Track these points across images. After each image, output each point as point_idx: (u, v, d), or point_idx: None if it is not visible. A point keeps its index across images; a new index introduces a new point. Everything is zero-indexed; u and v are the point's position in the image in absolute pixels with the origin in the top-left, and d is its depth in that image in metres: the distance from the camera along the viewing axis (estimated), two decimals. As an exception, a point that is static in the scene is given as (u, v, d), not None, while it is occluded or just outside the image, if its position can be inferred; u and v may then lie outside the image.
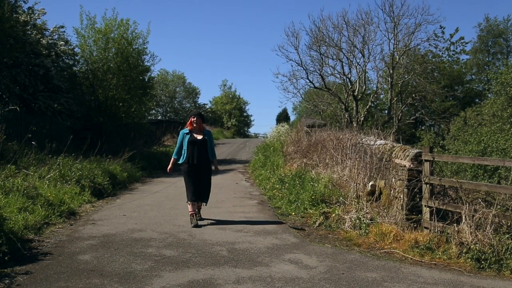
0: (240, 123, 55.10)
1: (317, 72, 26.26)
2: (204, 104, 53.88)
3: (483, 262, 5.82)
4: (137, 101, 21.48)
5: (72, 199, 9.64)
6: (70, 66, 20.08)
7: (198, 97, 52.63)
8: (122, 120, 21.10)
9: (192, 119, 8.13)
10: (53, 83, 18.10)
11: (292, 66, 42.93)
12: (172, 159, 8.32)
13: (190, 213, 8.02)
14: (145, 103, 23.17)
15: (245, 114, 58.12)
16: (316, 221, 8.17)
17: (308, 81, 26.52)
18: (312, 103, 30.71)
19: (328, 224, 8.01)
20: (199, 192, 8.08)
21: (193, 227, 7.74)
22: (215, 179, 15.17)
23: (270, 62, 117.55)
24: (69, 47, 20.00)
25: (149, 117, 32.34)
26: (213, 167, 8.47)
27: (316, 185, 10.02)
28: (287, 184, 11.42)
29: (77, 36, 20.01)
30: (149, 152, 21.37)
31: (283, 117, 55.22)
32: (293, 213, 9.03)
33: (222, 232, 7.52)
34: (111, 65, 19.82)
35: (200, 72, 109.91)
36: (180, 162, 8.18)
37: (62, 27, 20.50)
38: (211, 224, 8.14)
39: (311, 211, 8.75)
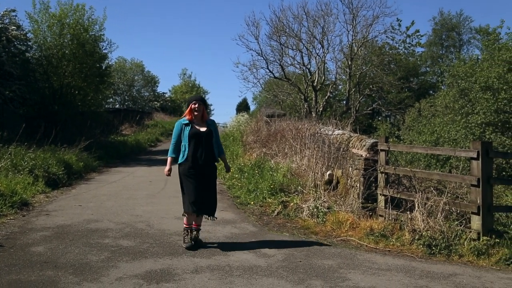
0: (200, 112, 54.60)
1: (277, 62, 26.34)
2: (164, 93, 53.15)
3: (434, 248, 6.04)
4: (94, 89, 20.97)
5: (25, 190, 9.35)
6: (22, 52, 19.30)
7: (157, 86, 51.84)
8: (78, 108, 20.56)
9: (193, 105, 6.06)
10: (4, 69, 17.36)
11: (252, 55, 43.01)
12: (169, 158, 6.16)
13: (184, 226, 6.14)
14: (102, 91, 22.65)
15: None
16: (275, 210, 8.25)
17: (268, 71, 26.57)
18: (272, 93, 30.82)
19: (287, 213, 8.10)
20: (201, 201, 6.01)
21: (186, 248, 5.90)
22: (174, 169, 15.10)
23: (231, 52, 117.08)
24: (21, 32, 19.22)
25: (106, 106, 31.57)
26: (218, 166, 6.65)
27: (275, 174, 10.10)
28: (246, 174, 11.47)
29: (29, 21, 19.33)
30: (107, 141, 20.94)
31: (243, 107, 55.18)
32: (252, 203, 9.09)
33: (180, 221, 7.44)
34: (66, 51, 19.23)
35: (159, 60, 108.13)
36: (179, 161, 6.08)
37: (14, 10, 19.65)
38: (169, 214, 8.07)
39: (270, 200, 8.83)
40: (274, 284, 4.62)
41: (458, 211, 6.91)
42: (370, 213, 7.55)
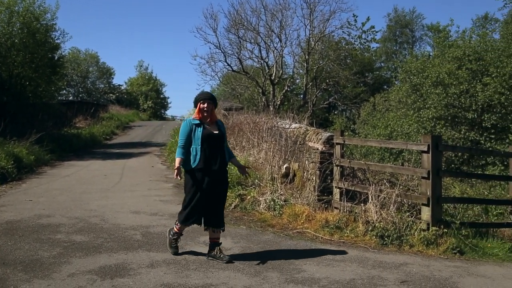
0: (157, 105, 53.76)
1: (235, 56, 26.35)
2: (119, 85, 52.01)
3: (386, 238, 6.22)
4: (46, 80, 20.25)
5: (-29, 184, 8.96)
6: (-33, 40, 18.44)
7: (112, 78, 50.68)
8: (28, 100, 19.82)
9: (202, 105, 5.28)
10: None
11: (210, 48, 42.71)
12: (178, 159, 5.19)
13: (175, 231, 5.40)
14: (55, 82, 21.91)
15: (162, 96, 56.78)
16: (232, 203, 8.26)
17: (226, 64, 26.55)
18: (230, 86, 30.77)
19: (244, 206, 8.13)
20: (211, 213, 5.28)
21: (173, 254, 5.37)
22: (130, 162, 14.90)
23: (188, 44, 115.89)
24: (-34, 18, 18.32)
25: (59, 98, 30.64)
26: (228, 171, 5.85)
27: (232, 168, 10.08)
28: (203, 167, 11.40)
29: (-25, 8, 18.40)
30: (59, 134, 20.29)
31: (201, 100, 54.65)
32: (209, 196, 9.04)
33: (136, 216, 7.37)
34: (16, 40, 18.46)
35: (115, 52, 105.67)
36: (189, 167, 5.21)
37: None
38: (125, 208, 7.94)
39: (228, 193, 8.81)
40: (231, 277, 4.64)
41: (410, 203, 7.13)
42: (326, 206, 7.68)
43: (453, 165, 16.86)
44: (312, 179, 8.26)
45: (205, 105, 5.28)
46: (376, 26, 62.66)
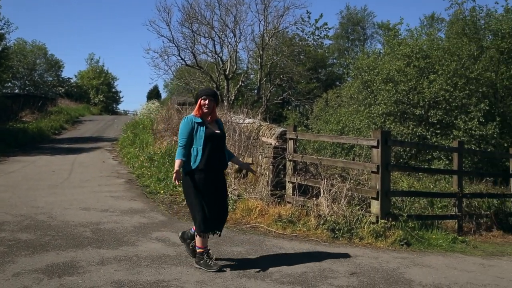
0: (108, 99, 52.49)
1: (189, 50, 26.04)
2: (69, 78, 50.41)
3: (337, 232, 6.36)
4: (-11, 72, 19.41)
5: None
6: None
7: (61, 71, 49.00)
8: (-30, 92, 18.94)
9: (203, 101, 4.92)
10: None
11: (163, 42, 42.14)
12: (179, 161, 4.75)
13: (200, 251, 4.84)
14: (-1, 74, 21.04)
15: (113, 90, 55.51)
16: (184, 199, 8.18)
17: (179, 58, 26.19)
18: (183, 81, 30.43)
19: (197, 202, 8.07)
20: (218, 215, 4.92)
21: (217, 271, 4.68)
22: (80, 158, 14.48)
23: (141, 37, 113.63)
24: None
25: (3, 91, 29.39)
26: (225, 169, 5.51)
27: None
28: (156, 162, 11.27)
29: None
30: (4, 128, 19.48)
31: (154, 94, 53.96)
32: (162, 192, 8.95)
33: (86, 212, 7.18)
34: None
35: (64, 44, 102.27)
36: (190, 169, 4.81)
37: None
38: (74, 204, 7.72)
39: (180, 189, 8.74)
40: (183, 272, 4.61)
41: (360, 197, 7.32)
42: (279, 200, 7.76)
43: (401, 160, 17.39)
44: (266, 174, 8.32)
45: (206, 101, 4.91)
46: (329, 23, 63.56)
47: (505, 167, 11.23)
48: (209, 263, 4.74)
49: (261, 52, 26.50)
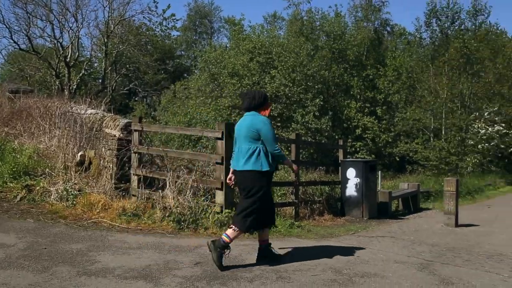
0: None
1: (23, 32, 23.74)
2: None
3: (182, 223, 6.41)
4: None
5: None
6: None
7: None
8: None
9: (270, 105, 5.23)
10: None
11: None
12: (288, 159, 5.23)
13: (228, 242, 4.74)
14: None
15: None
16: (18, 195, 7.49)
17: (12, 41, 23.76)
18: (17, 66, 27.66)
19: (32, 198, 7.44)
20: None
21: (221, 267, 4.63)
22: None
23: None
24: None
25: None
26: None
27: (18, 156, 9.15)
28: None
29: None
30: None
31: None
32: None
33: None
34: None
35: None
36: (268, 169, 4.74)
37: None
38: None
39: (11, 185, 7.97)
40: (13, 275, 4.22)
41: (205, 188, 7.47)
42: (124, 194, 7.57)
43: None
44: (109, 166, 8.03)
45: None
46: (177, 14, 63.21)
47: (336, 157, 12.39)
48: (226, 256, 4.75)
49: (105, 40, 25.33)
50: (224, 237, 4.72)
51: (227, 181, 5.15)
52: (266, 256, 4.98)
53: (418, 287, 4.35)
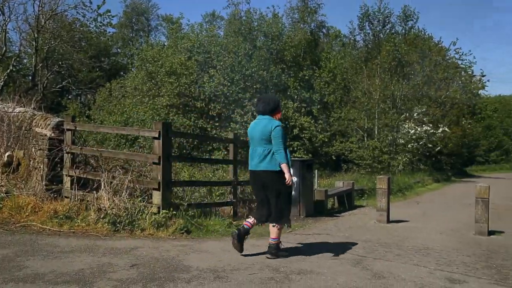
0: None
1: None
2: None
3: (118, 224, 6.26)
4: None
5: None
6: None
7: None
8: None
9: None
10: None
11: None
12: (286, 165, 5.24)
13: (277, 242, 5.47)
14: None
15: None
16: None
17: None
18: None
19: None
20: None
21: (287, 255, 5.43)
22: None
23: None
24: None
25: None
26: None
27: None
28: None
29: None
30: None
31: None
32: None
33: None
34: None
35: None
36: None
37: None
38: None
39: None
40: None
41: (142, 188, 7.32)
42: (56, 195, 7.26)
43: (185, 150, 18.01)
44: (40, 167, 7.68)
45: None
46: (113, 10, 61.37)
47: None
48: (284, 251, 5.51)
49: (36, 35, 24.20)
50: (271, 241, 5.37)
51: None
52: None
53: (352, 282, 4.50)
